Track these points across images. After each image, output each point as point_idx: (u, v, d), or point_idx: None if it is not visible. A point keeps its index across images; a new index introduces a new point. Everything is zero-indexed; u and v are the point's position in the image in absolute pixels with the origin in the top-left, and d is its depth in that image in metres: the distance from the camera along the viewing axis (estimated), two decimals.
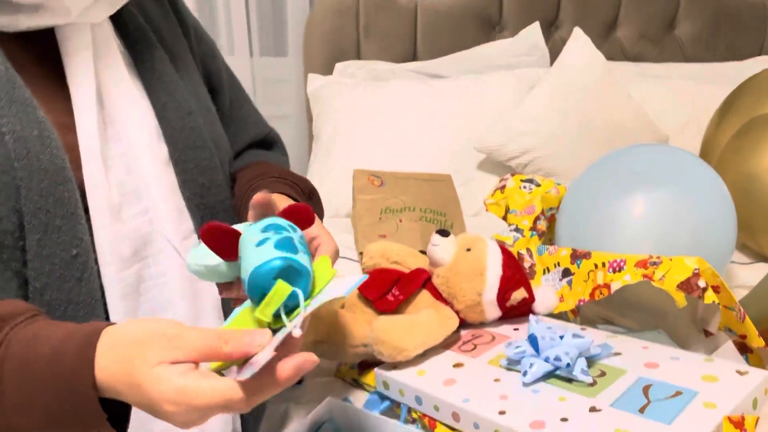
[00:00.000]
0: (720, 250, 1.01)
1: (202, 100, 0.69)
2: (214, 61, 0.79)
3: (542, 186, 1.23)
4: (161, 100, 0.64)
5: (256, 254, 0.49)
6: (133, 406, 0.47)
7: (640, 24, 1.80)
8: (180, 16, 0.74)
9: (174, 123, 0.64)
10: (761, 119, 1.24)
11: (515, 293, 0.83)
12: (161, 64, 0.66)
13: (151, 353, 0.44)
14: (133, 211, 0.61)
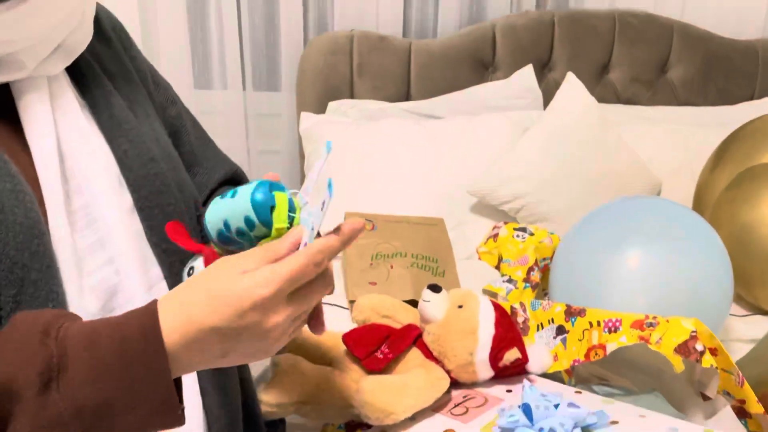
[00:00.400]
0: (717, 306, 1.00)
1: (164, 146, 0.69)
2: (173, 105, 0.78)
3: (535, 235, 1.22)
4: (122, 148, 0.64)
5: (240, 196, 0.52)
6: (205, 336, 0.48)
7: (633, 67, 1.81)
8: (135, 63, 0.74)
9: (137, 170, 0.64)
10: (755, 170, 1.24)
11: (508, 353, 0.80)
12: (120, 111, 0.65)
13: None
14: (98, 262, 0.61)
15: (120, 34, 0.73)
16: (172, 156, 0.69)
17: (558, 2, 1.86)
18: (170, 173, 0.67)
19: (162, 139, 0.69)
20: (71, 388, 0.47)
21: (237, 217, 0.52)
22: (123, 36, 0.74)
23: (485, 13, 1.84)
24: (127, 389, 0.47)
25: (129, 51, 0.73)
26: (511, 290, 1.13)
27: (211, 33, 1.79)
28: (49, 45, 0.60)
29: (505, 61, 1.78)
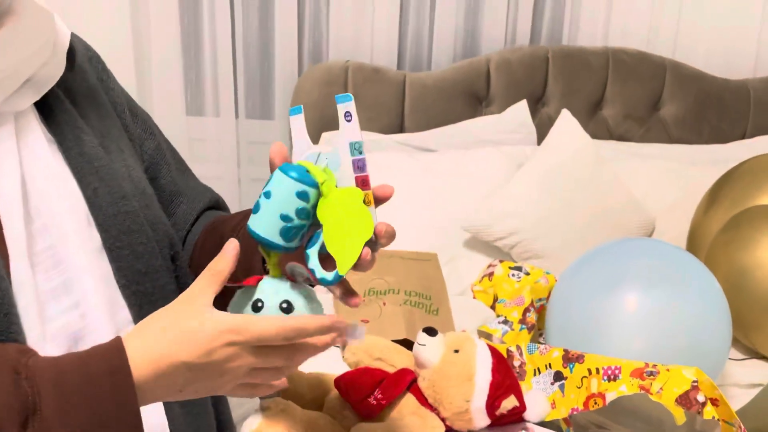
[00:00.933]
0: (716, 351, 0.98)
1: (136, 182, 0.66)
2: (152, 137, 0.76)
3: (531, 275, 1.21)
4: (92, 186, 0.61)
5: (277, 186, 0.54)
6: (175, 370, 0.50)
7: (626, 104, 1.82)
8: (112, 95, 0.71)
9: (106, 209, 0.61)
10: (751, 212, 1.24)
11: (505, 401, 0.78)
12: (90, 148, 0.63)
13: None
14: (62, 306, 0.58)
15: (96, 65, 0.71)
16: (145, 193, 0.66)
17: (551, 38, 1.87)
18: (142, 211, 0.64)
19: (135, 175, 0.66)
20: (45, 427, 0.47)
21: (291, 202, 0.54)
22: (100, 67, 0.71)
23: (479, 48, 1.85)
24: (97, 425, 0.48)
25: (105, 83, 0.71)
26: (507, 332, 1.11)
27: (205, 59, 1.79)
28: (18, 79, 0.57)
29: (499, 96, 1.78)
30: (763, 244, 1.18)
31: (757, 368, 1.18)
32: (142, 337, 0.51)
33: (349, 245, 0.55)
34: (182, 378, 0.51)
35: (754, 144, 1.79)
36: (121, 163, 0.65)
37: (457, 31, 1.82)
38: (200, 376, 0.51)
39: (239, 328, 0.50)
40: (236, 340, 0.50)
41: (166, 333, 0.50)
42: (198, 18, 1.77)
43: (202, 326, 0.50)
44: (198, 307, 0.51)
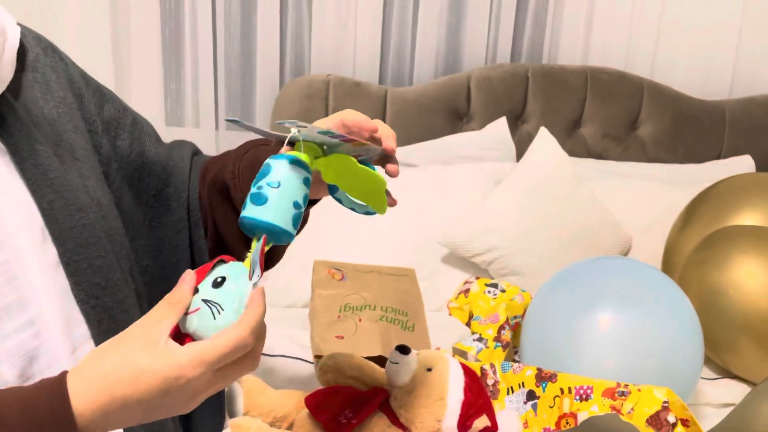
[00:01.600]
0: (688, 371, 0.99)
1: (92, 193, 0.63)
2: (125, 112, 0.72)
3: (507, 292, 1.21)
4: (47, 198, 0.59)
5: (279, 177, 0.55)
6: (128, 408, 0.48)
7: (604, 123, 1.84)
8: (73, 86, 0.68)
9: (63, 222, 0.59)
10: (724, 233, 1.25)
11: (477, 421, 0.78)
12: (45, 158, 0.60)
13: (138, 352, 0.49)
14: (15, 324, 0.56)
15: (52, 55, 0.67)
16: (101, 204, 0.64)
17: (531, 56, 1.89)
18: (99, 223, 0.62)
19: (90, 186, 0.64)
20: None
21: (300, 189, 0.55)
22: (57, 58, 0.67)
23: (461, 64, 1.86)
24: None
25: (63, 73, 0.67)
26: (481, 349, 1.11)
27: (185, 70, 1.78)
28: None
29: (479, 112, 1.79)
30: (736, 264, 1.19)
31: (729, 388, 1.18)
32: (90, 374, 0.49)
33: (375, 195, 0.62)
34: (139, 415, 0.49)
35: (728, 164, 1.81)
36: (76, 173, 0.63)
37: (438, 48, 1.84)
38: (159, 409, 0.49)
39: (194, 363, 0.48)
40: (194, 376, 0.48)
41: (116, 371, 0.48)
42: (179, 28, 1.76)
43: (155, 365, 0.48)
44: (152, 340, 0.49)
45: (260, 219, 0.53)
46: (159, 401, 0.48)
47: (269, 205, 0.53)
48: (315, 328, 1.18)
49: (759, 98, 1.90)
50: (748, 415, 0.84)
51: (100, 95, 0.70)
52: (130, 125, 0.72)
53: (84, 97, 0.68)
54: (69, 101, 0.66)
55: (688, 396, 1.00)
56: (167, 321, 0.50)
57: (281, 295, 1.43)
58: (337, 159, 0.59)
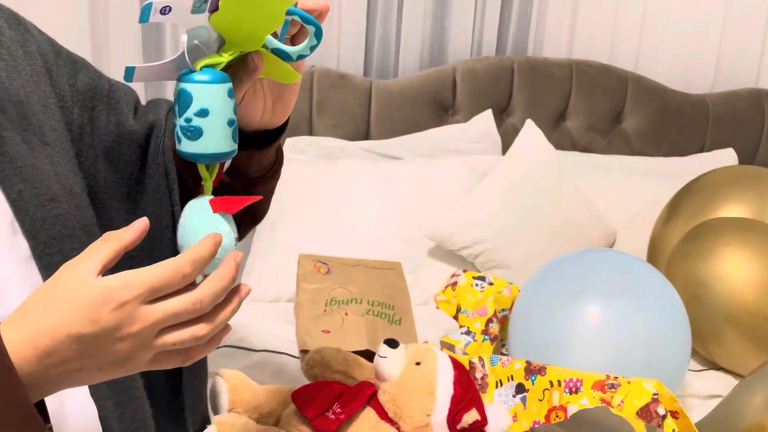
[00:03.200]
0: (675, 362, 0.99)
1: (64, 182, 0.60)
2: (101, 78, 0.68)
3: (495, 285, 1.20)
4: (16, 188, 0.55)
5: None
6: (60, 345, 0.44)
7: (589, 116, 1.84)
8: (45, 59, 0.64)
9: (34, 213, 0.56)
10: (709, 225, 1.25)
11: (466, 415, 0.77)
12: (13, 146, 0.56)
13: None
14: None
15: (16, 27, 0.62)
16: (74, 192, 0.60)
17: (517, 49, 1.88)
18: (73, 213, 0.59)
19: (62, 173, 0.60)
20: None
21: (228, 104, 0.52)
22: (21, 29, 0.63)
23: (446, 56, 1.85)
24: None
25: (28, 46, 0.62)
26: (469, 342, 1.10)
27: None
28: None
29: (464, 105, 1.78)
30: (721, 256, 1.19)
31: (715, 379, 1.19)
32: (19, 317, 0.45)
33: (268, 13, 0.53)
34: (73, 353, 0.44)
35: (711, 157, 1.82)
36: (46, 159, 0.59)
37: (423, 40, 1.82)
38: (93, 348, 0.44)
39: (124, 284, 0.44)
40: (125, 299, 0.44)
41: (43, 307, 0.45)
42: None
43: (79, 292, 0.44)
44: (78, 273, 0.45)
45: (201, 152, 0.52)
46: (92, 336, 0.44)
47: (206, 137, 0.51)
48: (301, 323, 1.16)
49: (741, 92, 1.91)
50: (737, 408, 0.84)
51: (72, 64, 0.67)
52: (106, 94, 0.68)
53: (53, 70, 0.64)
54: (37, 77, 0.62)
55: (675, 388, 1.00)
56: (97, 256, 0.46)
57: (266, 289, 1.41)
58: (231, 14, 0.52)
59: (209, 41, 0.53)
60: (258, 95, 0.61)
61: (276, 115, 0.64)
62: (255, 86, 0.60)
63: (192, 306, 0.46)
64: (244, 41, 0.54)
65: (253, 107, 0.61)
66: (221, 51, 0.53)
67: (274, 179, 0.73)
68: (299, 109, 1.71)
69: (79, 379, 0.46)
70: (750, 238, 1.21)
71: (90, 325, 0.44)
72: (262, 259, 1.46)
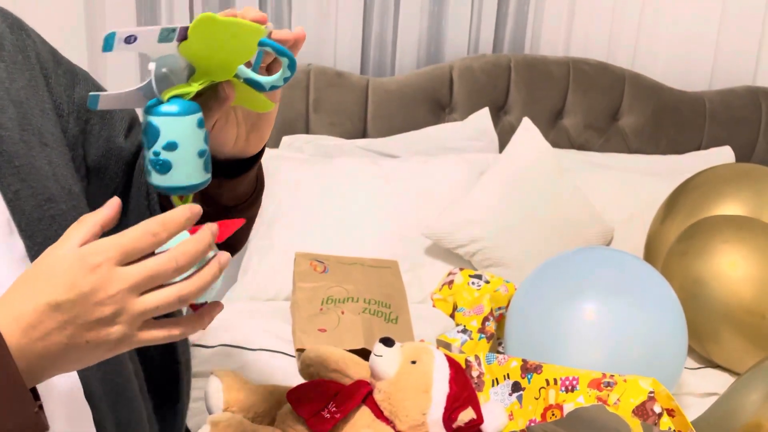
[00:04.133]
0: (672, 360, 0.99)
1: (62, 182, 0.60)
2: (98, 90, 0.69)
3: (491, 283, 1.20)
4: (12, 188, 0.55)
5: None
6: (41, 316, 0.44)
7: (586, 114, 1.84)
8: (44, 65, 0.64)
9: (30, 213, 0.56)
10: (705, 223, 1.25)
11: (462, 414, 0.76)
12: (9, 144, 0.57)
13: None
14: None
15: (18, 32, 0.63)
16: (72, 192, 0.60)
17: (514, 47, 1.88)
18: (70, 214, 0.58)
19: (60, 173, 0.60)
20: None
21: (198, 135, 0.51)
22: (23, 35, 0.63)
23: (443, 55, 1.84)
24: None
25: (30, 52, 0.63)
26: (465, 341, 1.10)
27: None
28: None
29: (461, 103, 1.78)
30: (718, 254, 1.19)
31: (712, 377, 1.19)
32: (3, 298, 0.46)
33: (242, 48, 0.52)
34: (55, 323, 0.44)
35: (708, 155, 1.82)
36: (45, 159, 0.59)
37: (420, 38, 1.82)
38: (74, 316, 0.44)
39: (94, 247, 0.44)
40: (97, 262, 0.44)
41: (24, 284, 0.45)
42: (155, 16, 1.72)
43: (56, 263, 0.44)
44: (57, 251, 0.45)
45: (173, 185, 0.51)
46: (70, 302, 0.44)
47: (175, 170, 0.50)
48: (297, 321, 1.16)
49: (738, 90, 1.91)
50: (733, 406, 0.84)
51: (72, 75, 0.67)
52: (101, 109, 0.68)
53: (51, 78, 0.64)
54: (35, 82, 0.62)
55: (672, 385, 1.00)
56: (77, 235, 0.46)
57: (262, 288, 1.41)
58: (201, 43, 0.50)
59: (178, 70, 0.51)
60: (230, 124, 0.59)
61: (250, 145, 0.62)
62: (228, 115, 0.58)
63: (167, 263, 0.45)
64: (214, 71, 0.52)
65: (224, 136, 0.59)
66: (191, 80, 0.52)
67: (251, 209, 0.70)
68: (296, 107, 1.71)
69: (68, 354, 0.45)
70: (747, 236, 1.21)
71: (67, 291, 0.44)
72: (258, 258, 1.46)
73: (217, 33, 0.50)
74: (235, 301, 1.39)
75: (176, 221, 0.46)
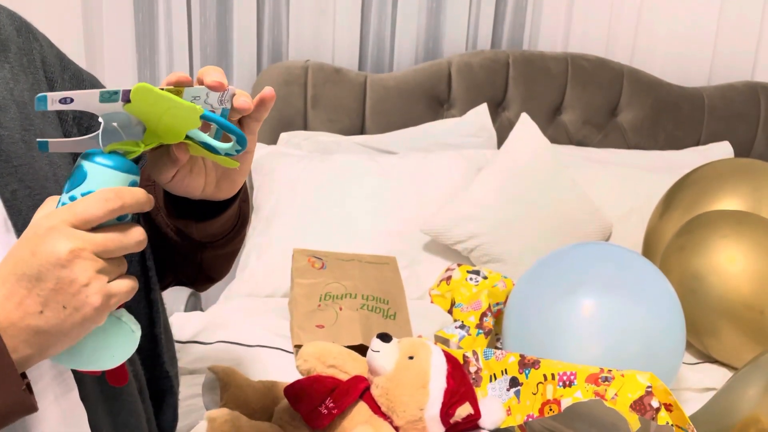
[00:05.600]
0: (671, 355, 0.99)
1: (62, 183, 0.58)
2: None
3: (489, 279, 1.20)
4: (10, 188, 0.55)
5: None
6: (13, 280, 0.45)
7: (585, 109, 1.84)
8: (48, 70, 0.64)
9: (27, 213, 0.55)
10: (703, 219, 1.25)
11: (460, 409, 0.76)
12: (8, 144, 0.57)
13: None
14: None
15: (26, 35, 0.63)
16: None
17: (512, 43, 1.88)
18: None
19: (62, 174, 0.60)
20: None
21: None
22: (31, 37, 0.63)
23: (441, 50, 1.84)
24: None
25: (36, 56, 0.63)
26: (463, 337, 1.10)
27: (160, 57, 1.73)
28: None
29: (460, 99, 1.78)
30: (717, 249, 1.19)
31: (710, 372, 1.19)
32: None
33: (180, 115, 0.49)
34: (25, 290, 0.45)
35: (707, 151, 1.82)
36: (46, 160, 0.59)
37: (419, 34, 1.81)
38: (41, 282, 0.44)
39: (47, 213, 0.47)
40: (52, 224, 0.45)
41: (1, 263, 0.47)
42: (153, 14, 1.71)
43: (24, 235, 0.47)
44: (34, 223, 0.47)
45: None
46: (33, 268, 0.45)
47: None
48: (295, 318, 1.16)
49: (737, 85, 1.91)
50: (731, 400, 0.84)
51: (78, 81, 0.67)
52: None
53: (56, 82, 0.64)
54: (38, 86, 0.62)
55: (670, 380, 1.00)
56: (42, 212, 0.48)
57: (260, 284, 1.41)
58: (145, 108, 0.48)
59: (130, 125, 0.49)
60: (196, 173, 0.57)
61: (221, 191, 0.60)
62: (193, 164, 0.57)
63: (109, 203, 0.46)
64: (163, 134, 0.50)
65: (190, 184, 0.58)
66: (142, 139, 0.50)
67: (229, 245, 0.69)
68: (294, 103, 1.71)
69: (48, 327, 0.45)
70: (745, 231, 1.21)
71: (30, 257, 0.45)
72: (256, 255, 1.46)
73: (156, 102, 0.48)
74: (233, 298, 1.39)
75: (132, 193, 0.47)
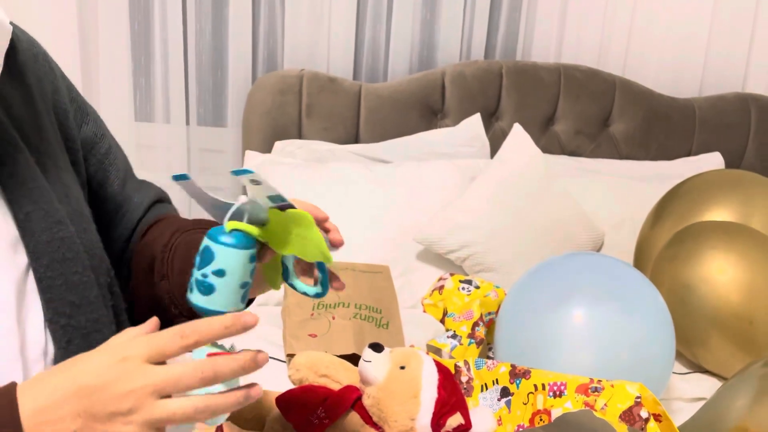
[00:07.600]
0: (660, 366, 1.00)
1: (74, 204, 0.61)
2: (103, 139, 0.70)
3: (481, 289, 1.20)
4: (24, 210, 0.56)
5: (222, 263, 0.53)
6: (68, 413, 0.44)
7: (577, 120, 1.85)
8: (57, 98, 0.65)
9: (39, 235, 0.56)
10: (694, 229, 1.26)
11: (451, 419, 0.77)
12: (25, 168, 0.57)
13: None
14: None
15: (43, 63, 0.64)
16: (83, 215, 0.61)
17: (505, 53, 1.89)
18: (80, 236, 0.59)
19: (73, 195, 0.61)
20: None
21: (246, 269, 0.54)
22: (47, 67, 0.65)
23: (435, 60, 1.85)
24: None
25: (50, 85, 0.64)
26: (455, 346, 1.10)
27: (155, 63, 1.74)
28: None
29: (453, 109, 1.79)
30: (707, 259, 1.20)
31: (700, 382, 1.20)
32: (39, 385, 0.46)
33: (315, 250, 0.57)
34: (70, 407, 0.45)
35: (698, 161, 1.84)
36: (57, 182, 0.60)
37: (413, 43, 1.83)
38: (92, 402, 0.45)
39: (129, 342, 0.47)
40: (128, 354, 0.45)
41: (62, 364, 0.47)
42: (148, 21, 1.72)
43: (93, 352, 0.46)
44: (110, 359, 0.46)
45: (210, 308, 0.53)
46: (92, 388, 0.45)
47: (217, 295, 0.53)
48: (288, 326, 1.16)
49: (728, 96, 1.93)
50: (720, 410, 0.84)
51: (83, 114, 0.68)
52: (100, 156, 0.70)
53: (69, 111, 0.66)
54: (51, 114, 0.63)
55: (660, 390, 1.01)
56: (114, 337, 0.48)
57: None
58: (288, 219, 0.56)
59: (257, 218, 0.55)
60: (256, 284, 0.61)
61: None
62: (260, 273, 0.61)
63: (193, 372, 0.45)
64: (275, 240, 0.57)
65: None
66: (259, 231, 0.55)
67: None
68: (289, 112, 1.71)
69: None
70: (735, 242, 1.22)
71: (94, 377, 0.45)
72: None
73: (302, 227, 0.55)
74: None
75: (211, 328, 0.47)
